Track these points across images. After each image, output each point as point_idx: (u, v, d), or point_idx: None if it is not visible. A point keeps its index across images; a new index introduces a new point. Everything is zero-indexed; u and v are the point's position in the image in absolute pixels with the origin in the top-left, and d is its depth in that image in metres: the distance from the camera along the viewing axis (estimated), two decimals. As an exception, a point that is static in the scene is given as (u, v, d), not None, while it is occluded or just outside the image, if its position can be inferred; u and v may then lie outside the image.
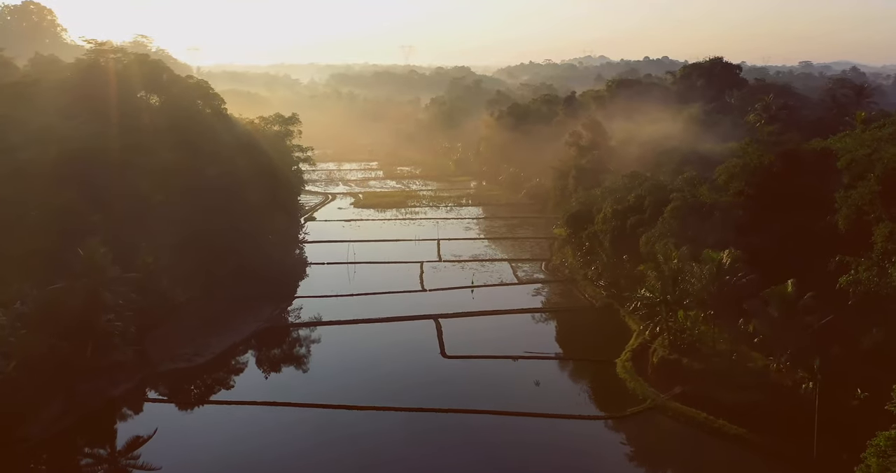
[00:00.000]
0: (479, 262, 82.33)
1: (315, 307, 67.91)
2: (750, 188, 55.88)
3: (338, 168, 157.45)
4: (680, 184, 62.83)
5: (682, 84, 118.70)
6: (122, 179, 69.83)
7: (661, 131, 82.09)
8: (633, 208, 62.25)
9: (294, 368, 55.04)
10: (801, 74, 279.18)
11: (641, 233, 59.24)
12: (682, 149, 72.84)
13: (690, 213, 55.35)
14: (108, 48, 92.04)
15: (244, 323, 62.86)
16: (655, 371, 50.75)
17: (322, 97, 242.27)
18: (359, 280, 76.58)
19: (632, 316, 61.58)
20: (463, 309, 66.09)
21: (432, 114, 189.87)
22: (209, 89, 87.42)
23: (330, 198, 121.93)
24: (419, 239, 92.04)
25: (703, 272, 47.52)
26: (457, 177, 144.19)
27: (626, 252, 62.27)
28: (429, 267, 79.99)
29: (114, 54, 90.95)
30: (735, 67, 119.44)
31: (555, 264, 79.74)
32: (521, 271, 78.92)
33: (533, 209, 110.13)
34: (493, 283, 74.26)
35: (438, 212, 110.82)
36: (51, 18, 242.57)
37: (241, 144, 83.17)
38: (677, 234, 55.16)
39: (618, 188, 66.46)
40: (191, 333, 59.98)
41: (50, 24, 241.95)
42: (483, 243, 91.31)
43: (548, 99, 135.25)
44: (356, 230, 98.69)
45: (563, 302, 69.28)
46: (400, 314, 64.88)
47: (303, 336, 61.22)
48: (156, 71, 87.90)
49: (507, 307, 66.87)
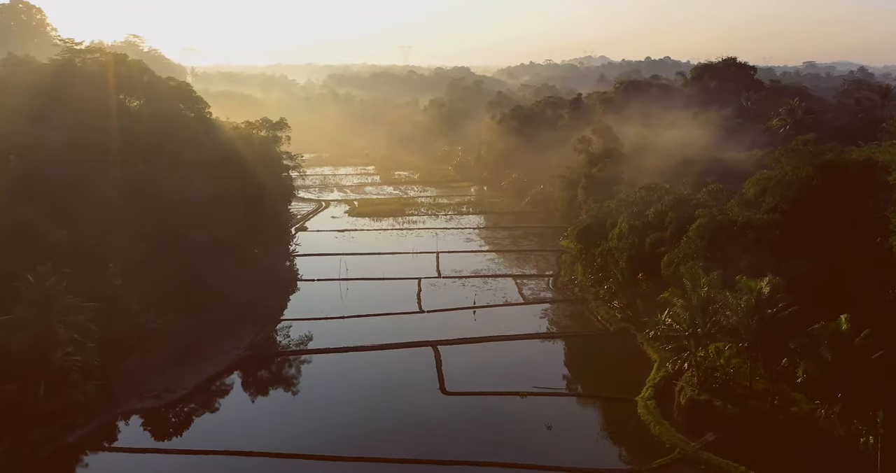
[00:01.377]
0: (481, 278, 76.36)
1: (303, 330, 61.98)
2: (785, 204, 49.99)
3: (333, 173, 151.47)
4: (704, 197, 56.96)
5: (694, 86, 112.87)
6: (92, 192, 64.19)
7: (677, 137, 76.18)
8: (653, 225, 56.35)
9: (274, 409, 48.91)
10: (807, 75, 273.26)
11: (663, 253, 53.34)
12: (703, 157, 66.92)
13: (719, 232, 49.44)
14: (84, 48, 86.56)
15: (223, 350, 56.89)
16: (683, 413, 44.83)
17: (318, 98, 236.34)
18: (351, 299, 70.68)
19: (651, 344, 55.75)
20: (464, 333, 60.15)
21: (431, 116, 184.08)
22: (191, 92, 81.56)
23: (323, 205, 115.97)
24: (417, 252, 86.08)
25: (741, 304, 41.59)
26: (457, 182, 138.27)
27: (646, 273, 56.40)
28: (427, 285, 74.05)
29: (91, 54, 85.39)
30: (749, 68, 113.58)
31: (563, 281, 73.80)
32: (526, 288, 72.99)
33: (537, 218, 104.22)
34: (497, 303, 68.30)
35: (437, 221, 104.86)
36: (40, 17, 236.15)
37: (225, 151, 77.37)
38: (705, 256, 49.26)
39: (634, 201, 60.55)
40: (163, 364, 54.09)
41: (39, 23, 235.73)
42: (485, 256, 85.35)
43: (552, 101, 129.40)
44: (350, 242, 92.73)
45: (574, 325, 63.34)
46: (395, 339, 58.97)
47: (286, 367, 55.24)
48: (136, 72, 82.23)
49: (513, 331, 60.95)
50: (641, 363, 54.41)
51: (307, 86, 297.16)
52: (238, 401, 50.09)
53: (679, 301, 46.42)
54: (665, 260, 52.33)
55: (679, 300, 46.42)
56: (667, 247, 53.48)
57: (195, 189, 71.12)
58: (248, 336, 60.01)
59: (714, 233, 49.59)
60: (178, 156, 73.32)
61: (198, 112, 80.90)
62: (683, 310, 45.66)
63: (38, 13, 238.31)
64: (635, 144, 75.64)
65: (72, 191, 61.99)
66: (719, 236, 49.22)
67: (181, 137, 75.35)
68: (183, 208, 68.20)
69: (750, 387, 43.78)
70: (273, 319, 64.84)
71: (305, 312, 66.43)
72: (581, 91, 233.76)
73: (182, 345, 57.37)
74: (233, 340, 58.93)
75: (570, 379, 54.19)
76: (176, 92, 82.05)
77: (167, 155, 72.88)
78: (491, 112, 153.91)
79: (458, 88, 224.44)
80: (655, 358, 54.03)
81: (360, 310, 66.17)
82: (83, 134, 67.97)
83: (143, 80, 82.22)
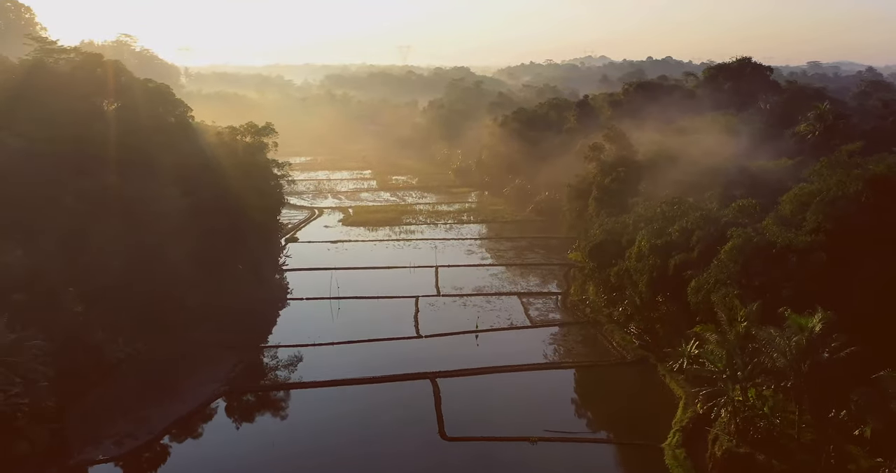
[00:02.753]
0: (483, 297, 70.42)
1: (288, 359, 56.09)
2: (829, 223, 44.13)
3: (327, 177, 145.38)
4: (733, 213, 51.04)
5: (707, 87, 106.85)
6: (56, 205, 58.33)
7: (696, 144, 70.23)
8: (677, 244, 50.42)
9: (249, 461, 42.73)
10: (815, 75, 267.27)
11: (690, 278, 47.40)
12: (727, 166, 60.98)
13: (755, 256, 43.54)
14: (57, 47, 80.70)
15: (197, 384, 50.95)
16: (719, 466, 38.91)
17: (314, 99, 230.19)
18: (343, 320, 64.78)
19: (675, 377, 49.88)
20: (466, 363, 54.26)
21: (430, 117, 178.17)
22: (171, 95, 75.58)
23: (316, 213, 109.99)
24: (414, 266, 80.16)
25: (790, 344, 35.67)
26: (456, 187, 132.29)
27: (670, 297, 50.50)
28: (425, 304, 68.11)
29: (65, 54, 79.51)
30: (766, 69, 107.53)
31: (573, 301, 67.83)
32: (533, 308, 67.05)
33: (542, 227, 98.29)
34: (502, 327, 62.35)
35: (437, 230, 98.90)
36: (29, 16, 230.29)
37: (206, 159, 71.45)
38: (739, 282, 43.36)
39: (654, 217, 54.62)
40: (129, 402, 48.16)
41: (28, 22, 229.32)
42: (488, 271, 79.38)
43: (556, 103, 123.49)
44: (343, 254, 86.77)
45: (588, 353, 57.39)
46: (390, 370, 53.05)
47: (266, 407, 49.19)
48: (112, 73, 76.30)
49: (520, 360, 55.01)
50: (664, 399, 48.56)
51: (304, 87, 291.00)
52: (209, 448, 44.08)
53: (713, 336, 40.52)
54: (693, 286, 46.40)
55: (713, 335, 40.52)
56: (694, 271, 47.54)
57: (172, 200, 65.43)
58: (226, 366, 54.09)
59: (750, 256, 43.67)
60: (155, 164, 67.53)
61: (178, 116, 74.96)
62: (719, 348, 39.74)
63: (27, 12, 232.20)
64: (650, 151, 69.66)
65: (32, 205, 56.26)
66: (756, 260, 43.31)
67: (159, 144, 69.46)
68: (159, 222, 62.39)
69: (798, 439, 37.88)
70: (255, 345, 58.89)
71: (292, 336, 60.51)
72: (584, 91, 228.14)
73: (152, 378, 51.47)
74: (209, 372, 53.04)
75: (585, 419, 48.32)
76: (155, 94, 76.06)
77: (142, 163, 67.10)
78: (492, 114, 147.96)
79: (457, 89, 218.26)
80: (681, 395, 48.16)
81: (352, 334, 60.22)
82: (49, 141, 62.12)
83: (120, 82, 76.30)
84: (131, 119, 71.49)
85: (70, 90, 71.69)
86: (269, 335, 61.88)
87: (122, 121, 71.29)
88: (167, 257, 61.11)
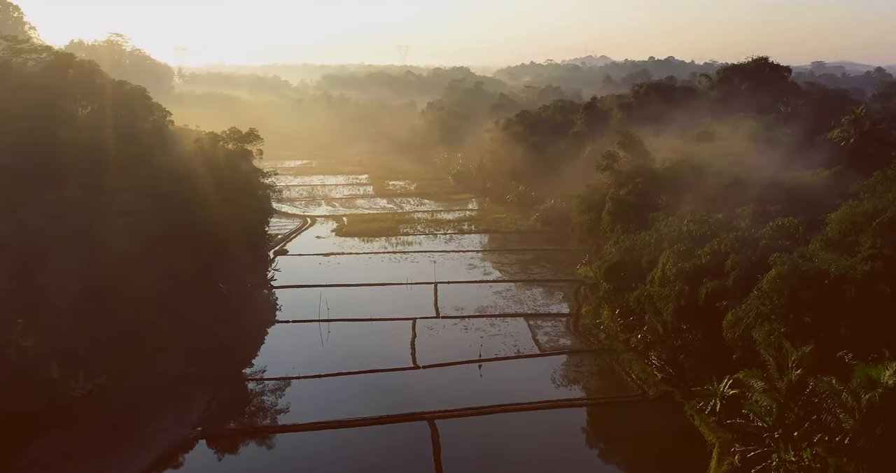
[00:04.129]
0: (487, 318, 64.50)
1: (269, 395, 50.21)
2: (888, 248, 38.26)
3: (322, 183, 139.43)
4: (771, 234, 45.09)
5: (721, 89, 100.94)
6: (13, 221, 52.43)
7: (719, 152, 64.34)
8: (709, 269, 44.49)
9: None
10: (822, 76, 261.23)
11: (725, 309, 41.51)
12: (757, 178, 55.06)
13: (804, 287, 37.60)
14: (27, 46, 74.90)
15: (162, 428, 44.91)
16: (769, 540, 33.02)
17: (310, 100, 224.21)
18: (333, 347, 58.91)
19: (706, 420, 43.92)
20: (468, 400, 48.29)
21: (429, 120, 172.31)
22: (147, 98, 69.66)
23: (309, 222, 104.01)
24: (412, 283, 74.24)
25: (861, 403, 29.76)
26: (456, 193, 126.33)
27: (700, 329, 44.57)
28: (423, 328, 62.19)
29: (36, 53, 73.73)
30: (784, 69, 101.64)
31: (585, 324, 61.86)
32: (541, 333, 61.14)
33: (549, 238, 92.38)
34: (508, 355, 56.38)
35: (436, 242, 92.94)
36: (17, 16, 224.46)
37: (184, 169, 65.54)
38: (786, 318, 37.45)
39: (679, 236, 48.66)
40: (83, 449, 42.16)
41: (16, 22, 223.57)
42: (491, 288, 73.40)
43: (562, 105, 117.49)
44: (335, 269, 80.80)
45: (604, 387, 51.43)
46: (383, 409, 47.04)
47: (242, 454, 43.24)
48: (86, 74, 70.49)
49: (529, 395, 49.05)
50: (694, 446, 42.61)
51: (300, 88, 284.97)
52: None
53: (758, 383, 34.63)
54: (729, 319, 40.50)
55: (759, 382, 34.62)
56: (730, 301, 41.63)
57: (145, 213, 59.59)
58: (199, 404, 48.13)
59: (797, 287, 37.74)
60: (127, 174, 61.75)
61: (155, 122, 69.08)
62: (767, 398, 33.84)
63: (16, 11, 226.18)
64: (669, 160, 63.74)
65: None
66: (805, 292, 37.37)
67: (131, 152, 63.62)
68: (128, 238, 56.46)
69: (864, 510, 31.96)
70: (234, 377, 52.96)
71: (275, 366, 54.61)
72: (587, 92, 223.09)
73: (114, 420, 45.48)
74: (179, 411, 47.10)
75: (604, 468, 42.40)
76: (129, 98, 70.17)
77: (113, 173, 61.34)
78: (493, 116, 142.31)
79: (457, 90, 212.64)
80: (713, 441, 42.23)
81: (343, 364, 54.30)
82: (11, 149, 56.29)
83: (94, 84, 70.47)
84: (103, 125, 65.80)
85: (37, 93, 65.82)
86: (250, 364, 55.85)
87: (94, 126, 65.66)
88: (137, 278, 55.24)
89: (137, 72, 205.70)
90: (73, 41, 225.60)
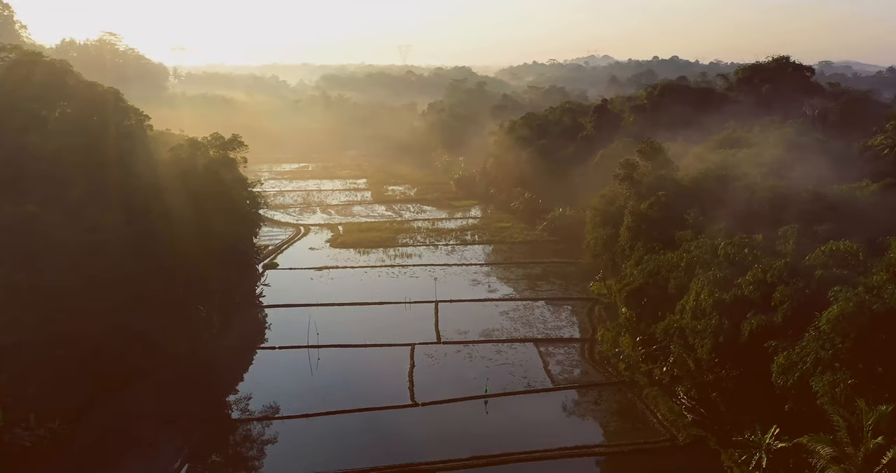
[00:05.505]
0: (493, 344, 58.59)
1: (248, 441, 44.34)
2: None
3: (318, 188, 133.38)
4: (824, 260, 39.14)
5: (740, 90, 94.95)
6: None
7: (748, 161, 58.37)
8: (752, 301, 38.58)
9: None
10: (832, 75, 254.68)
11: (775, 350, 35.59)
12: (796, 192, 49.07)
13: (876, 329, 31.67)
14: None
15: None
16: None
17: (308, 101, 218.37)
18: (323, 378, 53.13)
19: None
20: (475, 445, 42.50)
21: (430, 121, 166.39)
22: (121, 101, 63.75)
23: (302, 231, 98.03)
24: (410, 302, 68.34)
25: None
26: (458, 200, 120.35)
27: (740, 368, 38.67)
28: (423, 355, 56.31)
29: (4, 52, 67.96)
30: (807, 69, 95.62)
31: (602, 351, 55.91)
32: (554, 361, 55.24)
33: (558, 250, 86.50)
34: (517, 390, 50.39)
35: (437, 253, 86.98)
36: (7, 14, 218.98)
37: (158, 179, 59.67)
38: (853, 366, 31.53)
39: (714, 260, 42.72)
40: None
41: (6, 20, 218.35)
42: (496, 308, 67.46)
43: (570, 107, 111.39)
44: (328, 284, 74.86)
45: (627, 430, 45.43)
46: (377, 458, 41.26)
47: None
48: (57, 75, 64.78)
49: (542, 440, 43.18)
50: (736, 506, 36.79)
51: (298, 88, 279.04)
52: None
53: (826, 449, 28.72)
54: (780, 363, 34.61)
55: (826, 448, 28.71)
56: (780, 341, 35.69)
57: (115, 229, 53.81)
58: (169, 451, 42.32)
59: (866, 329, 31.81)
60: (96, 184, 56.14)
61: (129, 127, 63.18)
62: (838, 469, 27.92)
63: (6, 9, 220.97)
64: (694, 170, 57.80)
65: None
66: (877, 335, 31.44)
67: (101, 160, 57.94)
68: (95, 256, 50.69)
69: None
70: (211, 417, 47.04)
71: (258, 402, 48.79)
72: (592, 93, 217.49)
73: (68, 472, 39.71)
74: (145, 461, 41.32)
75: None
76: (103, 101, 64.28)
77: (80, 183, 55.64)
78: (496, 118, 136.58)
79: (459, 90, 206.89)
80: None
81: (333, 401, 48.52)
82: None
83: (64, 85, 64.75)
84: (73, 130, 60.05)
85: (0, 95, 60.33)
86: (228, 401, 49.88)
87: (63, 132, 59.94)
88: (102, 301, 49.48)
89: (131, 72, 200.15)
90: (65, 40, 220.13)
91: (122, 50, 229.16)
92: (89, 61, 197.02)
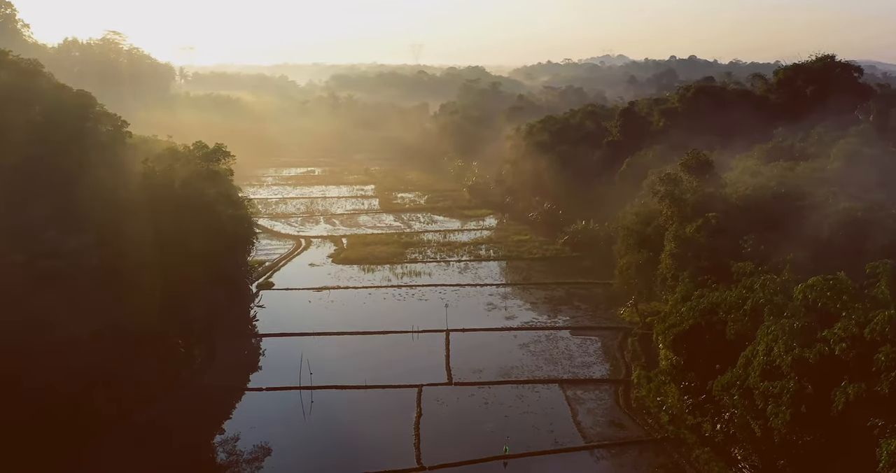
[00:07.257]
0: (512, 386, 50.97)
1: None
2: None
3: (322, 195, 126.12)
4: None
5: (781, 92, 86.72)
6: None
7: (809, 176, 50.39)
8: (844, 363, 30.72)
9: None
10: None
11: (881, 432, 27.74)
12: (880, 218, 41.08)
13: None
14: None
15: None
16: None
17: (316, 102, 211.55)
18: (314, 429, 45.87)
19: None
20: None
21: (441, 124, 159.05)
22: (93, 106, 56.71)
23: (303, 244, 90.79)
24: (418, 331, 60.85)
25: None
26: (472, 209, 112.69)
27: (824, 438, 30.85)
28: (431, 400, 48.78)
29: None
30: (854, 69, 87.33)
31: (639, 398, 48.11)
32: (583, 409, 47.54)
33: (582, 268, 78.75)
34: (542, 450, 42.73)
35: (448, 271, 79.38)
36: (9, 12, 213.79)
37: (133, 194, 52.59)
38: None
39: (789, 304, 34.87)
40: None
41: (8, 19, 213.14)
42: (515, 339, 59.80)
43: (592, 111, 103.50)
44: (327, 308, 67.46)
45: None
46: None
47: None
48: (22, 75, 57.88)
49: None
50: None
51: (307, 88, 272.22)
52: None
53: None
54: (892, 451, 26.71)
55: None
56: (886, 420, 27.82)
57: (80, 253, 46.84)
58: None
59: None
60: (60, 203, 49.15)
61: (102, 136, 56.10)
62: None
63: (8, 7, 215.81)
64: (745, 185, 49.87)
65: None
66: None
67: (67, 175, 50.90)
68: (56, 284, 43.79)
69: None
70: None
71: (238, 461, 41.48)
72: (610, 93, 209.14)
73: None
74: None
75: None
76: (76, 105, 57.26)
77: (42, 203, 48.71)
78: (512, 120, 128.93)
79: (472, 91, 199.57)
80: None
81: (325, 461, 41.46)
82: None
83: (32, 88, 57.80)
84: (37, 140, 53.03)
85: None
86: (204, 457, 42.59)
87: (26, 142, 52.93)
88: (63, 336, 42.44)
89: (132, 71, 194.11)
90: (67, 39, 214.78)
91: (126, 49, 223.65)
92: (91, 61, 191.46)
